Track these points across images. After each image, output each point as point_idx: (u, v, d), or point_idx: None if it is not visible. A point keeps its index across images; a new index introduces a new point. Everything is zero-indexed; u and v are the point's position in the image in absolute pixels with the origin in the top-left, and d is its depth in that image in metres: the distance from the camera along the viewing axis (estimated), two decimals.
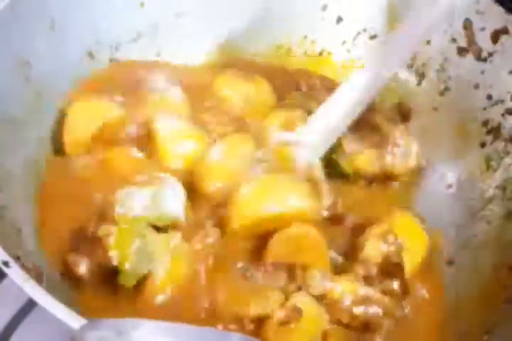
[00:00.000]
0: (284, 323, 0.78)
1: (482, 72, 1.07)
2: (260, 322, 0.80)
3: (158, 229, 0.81)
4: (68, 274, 0.79)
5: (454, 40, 1.10)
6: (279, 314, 0.79)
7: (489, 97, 1.06)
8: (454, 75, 1.12)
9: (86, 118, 0.93)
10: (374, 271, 0.86)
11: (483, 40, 1.05)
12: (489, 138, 1.06)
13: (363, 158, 1.01)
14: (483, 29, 1.05)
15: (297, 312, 0.79)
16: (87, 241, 0.80)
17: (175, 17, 1.12)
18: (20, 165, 0.84)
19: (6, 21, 0.83)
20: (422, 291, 0.92)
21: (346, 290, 0.83)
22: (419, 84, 1.18)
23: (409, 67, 1.18)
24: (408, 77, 1.19)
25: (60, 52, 0.95)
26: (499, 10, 1.02)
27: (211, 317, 0.78)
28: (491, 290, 0.88)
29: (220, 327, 0.78)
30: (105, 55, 1.05)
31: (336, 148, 1.00)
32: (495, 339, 0.80)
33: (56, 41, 0.93)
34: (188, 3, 1.12)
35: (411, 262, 0.91)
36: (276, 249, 0.85)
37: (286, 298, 0.82)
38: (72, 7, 0.95)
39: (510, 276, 0.88)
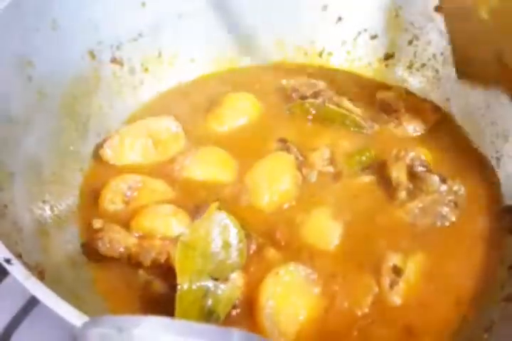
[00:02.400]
0: None
1: None
2: None
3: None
4: None
5: None
6: None
7: None
8: (454, 76, 1.13)
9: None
10: (410, 185, 0.97)
11: None
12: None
13: None
14: None
15: None
16: None
17: (176, 17, 1.12)
18: (21, 164, 0.84)
19: (8, 21, 0.84)
20: None
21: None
22: (419, 84, 1.19)
23: (409, 67, 1.19)
24: (408, 77, 1.20)
25: (62, 51, 0.95)
26: None
27: None
28: (490, 288, 0.88)
29: None
30: (106, 54, 1.05)
31: None
32: (495, 338, 0.80)
33: (58, 41, 0.93)
34: (189, 3, 1.12)
35: None
36: None
37: None
38: (74, 7, 0.95)
39: (509, 275, 0.88)
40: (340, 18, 1.20)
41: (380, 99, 1.14)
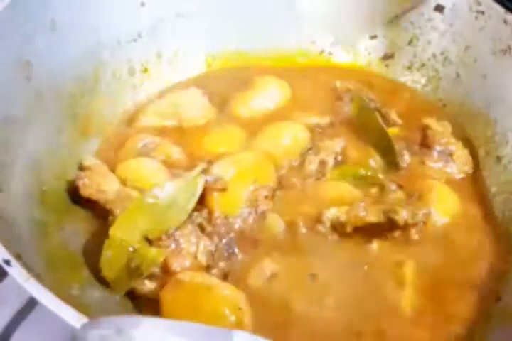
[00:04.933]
0: None
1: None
2: None
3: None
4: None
5: (454, 40, 1.11)
6: None
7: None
8: (453, 76, 1.13)
9: None
10: None
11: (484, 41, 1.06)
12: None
13: None
14: (482, 29, 1.05)
15: None
16: None
17: (176, 17, 1.12)
18: (20, 165, 0.84)
19: (7, 21, 0.84)
20: None
21: None
22: (418, 84, 1.19)
23: (409, 67, 1.19)
24: (408, 77, 1.20)
25: (61, 51, 0.95)
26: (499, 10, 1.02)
27: None
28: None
29: None
30: (106, 54, 1.05)
31: None
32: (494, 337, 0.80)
33: (57, 41, 0.93)
34: (189, 3, 1.12)
35: None
36: None
37: None
38: (73, 7, 0.95)
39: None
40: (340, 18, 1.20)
41: (425, 127, 1.06)
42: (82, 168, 0.92)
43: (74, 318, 0.56)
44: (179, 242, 0.84)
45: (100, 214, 0.90)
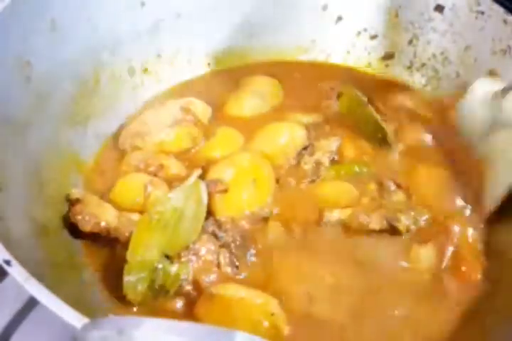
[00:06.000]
0: None
1: None
2: None
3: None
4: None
5: (454, 40, 1.11)
6: None
7: None
8: (453, 76, 1.13)
9: None
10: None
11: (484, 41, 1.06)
12: None
13: None
14: (482, 29, 1.05)
15: None
16: None
17: (176, 17, 1.12)
18: (20, 165, 0.84)
19: (7, 21, 0.83)
20: None
21: None
22: (418, 84, 1.19)
23: (409, 67, 1.19)
24: (408, 77, 1.20)
25: (61, 52, 0.95)
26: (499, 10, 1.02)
27: None
28: None
29: None
30: (106, 55, 1.05)
31: None
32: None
33: (57, 41, 0.93)
34: (188, 3, 1.12)
35: None
36: None
37: None
38: (73, 7, 0.95)
39: None
40: (340, 18, 1.20)
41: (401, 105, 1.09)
42: (71, 202, 0.89)
43: (75, 318, 0.56)
44: (199, 254, 0.84)
45: (106, 243, 0.88)
